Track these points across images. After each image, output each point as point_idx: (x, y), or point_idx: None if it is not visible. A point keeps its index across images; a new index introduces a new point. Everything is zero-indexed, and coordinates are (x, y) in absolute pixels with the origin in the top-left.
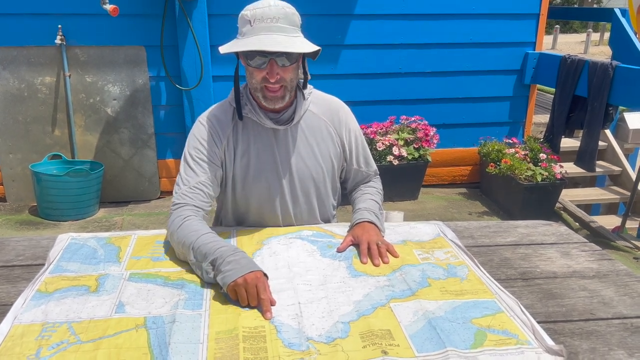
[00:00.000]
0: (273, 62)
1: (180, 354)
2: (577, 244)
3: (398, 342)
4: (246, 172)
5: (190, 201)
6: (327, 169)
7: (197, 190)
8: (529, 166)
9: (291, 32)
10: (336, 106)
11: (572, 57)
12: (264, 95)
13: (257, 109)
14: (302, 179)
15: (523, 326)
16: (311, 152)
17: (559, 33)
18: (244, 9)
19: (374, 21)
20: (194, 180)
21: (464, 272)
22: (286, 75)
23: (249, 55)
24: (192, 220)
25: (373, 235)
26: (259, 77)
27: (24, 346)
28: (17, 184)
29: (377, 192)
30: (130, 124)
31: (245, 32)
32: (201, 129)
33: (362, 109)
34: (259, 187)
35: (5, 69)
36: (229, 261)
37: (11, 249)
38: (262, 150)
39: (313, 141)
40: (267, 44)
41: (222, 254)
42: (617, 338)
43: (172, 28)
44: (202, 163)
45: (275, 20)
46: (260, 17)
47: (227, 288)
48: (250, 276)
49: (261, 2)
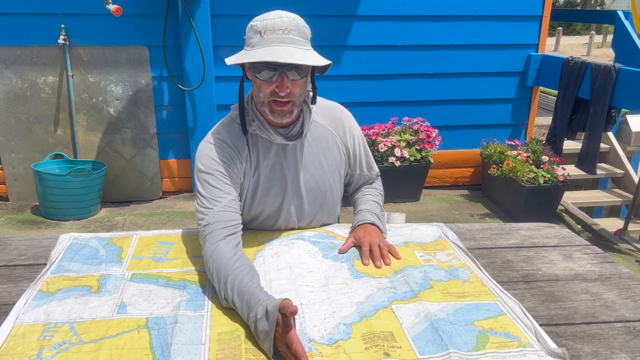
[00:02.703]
0: (284, 75)
1: (182, 355)
2: (580, 246)
3: (400, 344)
4: (255, 189)
5: (229, 218)
6: (333, 179)
7: (230, 208)
8: (531, 168)
9: (303, 45)
10: (339, 114)
11: (575, 59)
12: (272, 110)
13: (265, 125)
14: (310, 191)
15: (525, 329)
16: (318, 164)
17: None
18: (254, 19)
19: (377, 22)
20: (226, 200)
21: (466, 274)
22: (295, 89)
23: (257, 68)
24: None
25: (375, 237)
26: (267, 91)
27: (26, 346)
28: (20, 183)
29: (378, 193)
30: (133, 124)
31: (254, 43)
32: (218, 151)
33: (364, 110)
34: (267, 202)
35: (8, 69)
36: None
37: (13, 249)
38: (272, 167)
39: (320, 153)
40: (280, 55)
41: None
42: (620, 341)
43: (175, 28)
44: (227, 182)
45: (287, 32)
46: (271, 28)
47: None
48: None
49: (272, 13)
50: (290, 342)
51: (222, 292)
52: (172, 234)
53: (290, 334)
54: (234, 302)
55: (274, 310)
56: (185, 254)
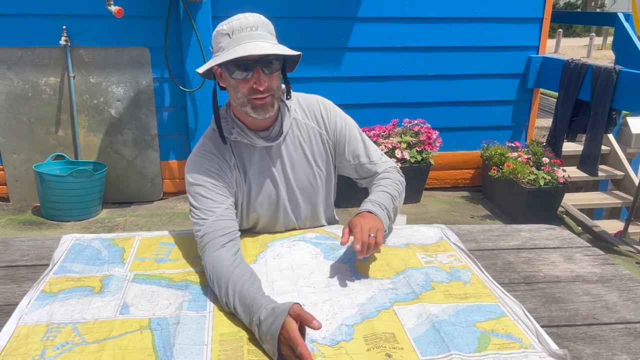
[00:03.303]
0: (259, 70)
1: (184, 355)
2: (581, 248)
3: (402, 345)
4: (249, 195)
5: (225, 226)
6: (324, 173)
7: (226, 217)
8: (531, 170)
9: (272, 39)
10: (316, 105)
11: (576, 61)
12: (254, 106)
13: (245, 130)
14: (302, 188)
15: (527, 330)
16: (305, 161)
17: (561, 37)
18: (218, 25)
19: (377, 24)
20: (220, 209)
21: (467, 275)
22: (272, 83)
23: (231, 69)
24: (242, 260)
25: (367, 222)
26: (245, 89)
27: (29, 346)
28: (21, 184)
29: (391, 183)
30: (134, 125)
31: (224, 46)
32: (206, 162)
33: (364, 111)
34: (263, 207)
35: (10, 70)
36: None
37: (16, 249)
38: (260, 172)
39: (306, 148)
40: (252, 49)
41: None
42: (621, 343)
43: (177, 30)
44: (219, 192)
45: (255, 29)
46: (239, 28)
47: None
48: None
49: (236, 16)
50: (295, 344)
51: (224, 299)
52: (174, 235)
53: (296, 336)
54: (236, 308)
55: (283, 313)
56: (187, 255)
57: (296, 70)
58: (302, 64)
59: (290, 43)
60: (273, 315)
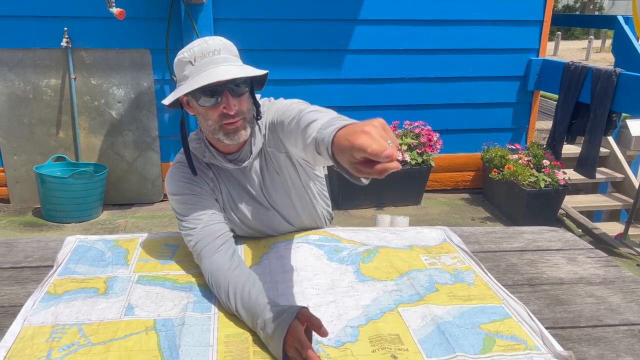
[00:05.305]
0: (228, 94)
1: (190, 357)
2: (583, 250)
3: (407, 347)
4: (236, 216)
5: (216, 229)
6: (299, 176)
7: (214, 221)
8: (532, 172)
9: (236, 62)
10: (266, 112)
11: (576, 63)
12: (226, 132)
13: (215, 154)
14: (285, 198)
15: (531, 332)
16: (277, 173)
17: (560, 39)
18: (178, 54)
19: (378, 26)
20: (207, 215)
21: (471, 277)
22: (242, 106)
23: (198, 96)
24: (241, 263)
25: (367, 132)
26: (215, 116)
27: (35, 348)
28: (21, 185)
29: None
30: (135, 127)
31: (187, 74)
32: (185, 175)
33: (365, 113)
34: (251, 225)
35: (11, 71)
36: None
37: (20, 250)
38: (239, 191)
39: (273, 160)
40: (216, 75)
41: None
42: (625, 344)
43: (178, 31)
44: (203, 199)
45: (217, 52)
46: (200, 54)
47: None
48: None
49: (196, 41)
50: (302, 347)
51: (226, 303)
52: (177, 237)
53: (303, 339)
54: (239, 311)
55: (289, 316)
56: (191, 257)
57: (297, 73)
58: (303, 66)
59: (291, 45)
60: (279, 318)
